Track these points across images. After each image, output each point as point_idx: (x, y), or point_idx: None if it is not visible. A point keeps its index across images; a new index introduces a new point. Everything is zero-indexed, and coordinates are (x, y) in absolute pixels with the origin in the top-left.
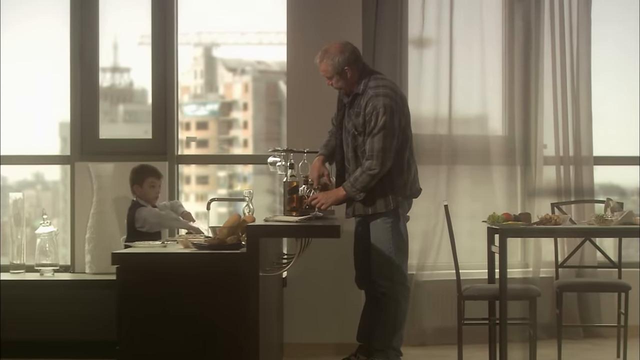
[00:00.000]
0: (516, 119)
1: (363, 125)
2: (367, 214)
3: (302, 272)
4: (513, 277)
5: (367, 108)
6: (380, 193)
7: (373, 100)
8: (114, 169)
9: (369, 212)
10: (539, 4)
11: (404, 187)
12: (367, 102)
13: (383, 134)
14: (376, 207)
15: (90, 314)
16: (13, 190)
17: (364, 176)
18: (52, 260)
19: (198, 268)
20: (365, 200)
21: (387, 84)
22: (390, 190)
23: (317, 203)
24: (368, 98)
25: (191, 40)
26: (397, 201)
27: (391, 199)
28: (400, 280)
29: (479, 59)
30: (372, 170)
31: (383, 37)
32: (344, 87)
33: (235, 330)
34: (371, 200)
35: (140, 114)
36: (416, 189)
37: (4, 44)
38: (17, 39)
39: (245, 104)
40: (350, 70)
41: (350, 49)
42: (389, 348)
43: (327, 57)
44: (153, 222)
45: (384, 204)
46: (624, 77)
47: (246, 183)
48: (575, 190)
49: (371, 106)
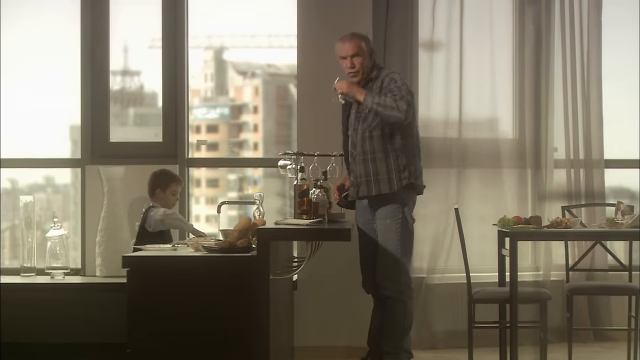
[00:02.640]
0: (527, 121)
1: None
2: (370, 194)
3: (313, 275)
4: (523, 280)
5: (385, 82)
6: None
7: (390, 75)
8: (125, 172)
9: (373, 192)
10: (550, 6)
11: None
12: (383, 80)
13: (407, 91)
14: (380, 187)
15: (101, 316)
16: (24, 193)
17: (388, 99)
18: (63, 264)
19: (208, 271)
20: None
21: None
22: (396, 171)
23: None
24: (384, 76)
25: (201, 44)
26: (402, 184)
27: (396, 181)
28: (406, 281)
29: (489, 62)
30: (398, 102)
31: (393, 40)
32: (361, 69)
33: (246, 333)
34: (375, 181)
35: (150, 117)
36: (421, 184)
37: (15, 48)
38: (27, 42)
39: (256, 107)
40: (374, 55)
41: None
42: (400, 350)
43: (356, 37)
44: (157, 219)
45: (388, 185)
46: (635, 79)
47: (256, 186)
48: (586, 193)
49: (389, 79)
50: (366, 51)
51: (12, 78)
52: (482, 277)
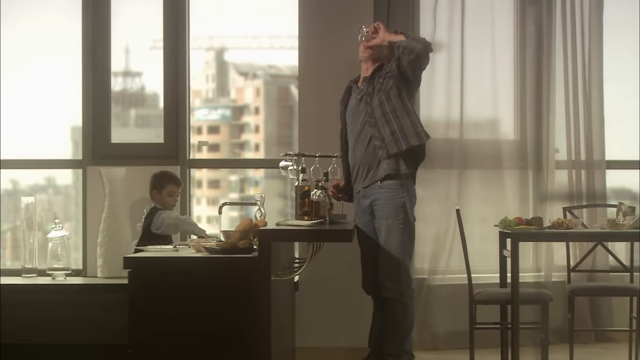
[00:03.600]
0: (528, 123)
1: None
2: (401, 150)
3: (314, 276)
4: (525, 281)
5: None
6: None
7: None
8: (126, 173)
9: (403, 147)
10: (551, 8)
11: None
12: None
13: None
14: (409, 140)
15: (102, 317)
16: (25, 194)
17: (422, 38)
18: (64, 265)
19: (210, 272)
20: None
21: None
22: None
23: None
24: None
25: (203, 45)
26: (427, 136)
27: (422, 133)
28: (406, 282)
29: (491, 63)
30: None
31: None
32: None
33: (247, 334)
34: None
35: (152, 118)
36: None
37: (16, 49)
38: (29, 43)
39: (257, 108)
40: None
41: None
42: (401, 352)
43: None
44: (170, 223)
45: (416, 138)
46: (636, 80)
47: (258, 187)
48: (587, 194)
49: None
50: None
51: (14, 79)
52: (484, 278)
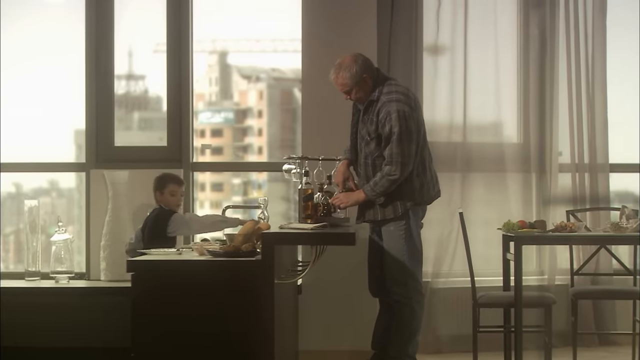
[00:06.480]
0: (531, 126)
1: (375, 131)
2: (376, 219)
3: (317, 280)
4: (528, 284)
5: (380, 114)
6: (389, 199)
7: (386, 106)
8: (129, 176)
9: (378, 217)
10: (554, 10)
11: (413, 193)
12: (379, 109)
13: (400, 138)
14: (385, 212)
15: (106, 321)
16: (28, 197)
17: (384, 181)
18: (67, 268)
19: (213, 275)
20: (374, 206)
21: (399, 89)
22: (399, 196)
23: (338, 202)
24: (381, 105)
25: (206, 48)
26: (406, 207)
27: (399, 205)
28: (414, 286)
29: (494, 66)
30: (392, 176)
31: (398, 44)
32: (363, 97)
33: (250, 337)
34: (380, 206)
35: (155, 121)
36: (429, 196)
37: (19, 52)
38: (32, 46)
39: (260, 111)
40: (368, 78)
41: (363, 58)
42: (404, 355)
43: (343, 69)
44: (195, 227)
45: (392, 210)
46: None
47: (261, 190)
48: (591, 197)
49: (384, 112)
50: (358, 77)
51: (16, 82)
52: (487, 282)
